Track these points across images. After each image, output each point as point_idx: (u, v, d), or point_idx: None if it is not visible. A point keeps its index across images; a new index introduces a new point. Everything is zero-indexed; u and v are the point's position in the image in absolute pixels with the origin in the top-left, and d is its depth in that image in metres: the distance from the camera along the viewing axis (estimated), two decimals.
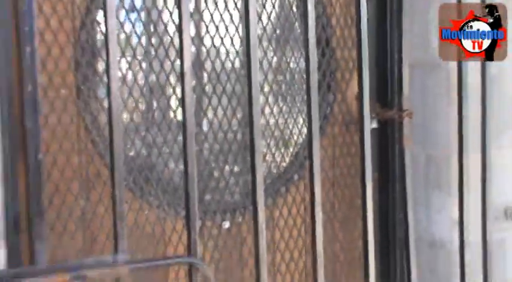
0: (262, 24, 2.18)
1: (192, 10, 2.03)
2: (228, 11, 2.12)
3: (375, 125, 2.34)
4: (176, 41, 1.68)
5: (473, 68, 1.98)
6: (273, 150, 2.33)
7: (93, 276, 1.31)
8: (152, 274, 1.95)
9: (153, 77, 2.05)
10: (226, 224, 2.18)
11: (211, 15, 2.07)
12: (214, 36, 2.11)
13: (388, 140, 2.39)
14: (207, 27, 2.08)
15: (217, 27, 2.12)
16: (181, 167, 1.63)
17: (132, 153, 1.99)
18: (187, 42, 1.41)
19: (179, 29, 1.43)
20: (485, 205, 1.99)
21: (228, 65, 2.12)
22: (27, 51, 1.69)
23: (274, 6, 2.16)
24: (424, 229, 2.44)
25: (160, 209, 2.02)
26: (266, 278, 1.52)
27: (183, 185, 1.47)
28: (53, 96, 1.80)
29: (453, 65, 2.02)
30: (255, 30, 1.50)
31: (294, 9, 2.23)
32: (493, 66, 2.01)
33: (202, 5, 2.08)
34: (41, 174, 1.69)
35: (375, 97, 2.31)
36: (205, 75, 2.14)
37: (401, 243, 2.40)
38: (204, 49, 2.12)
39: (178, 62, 1.44)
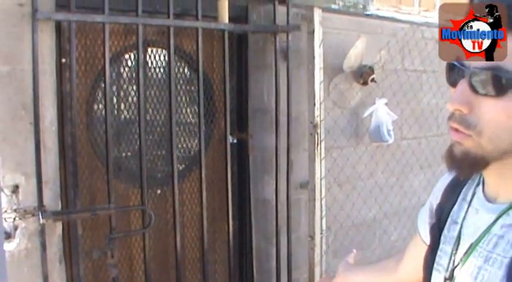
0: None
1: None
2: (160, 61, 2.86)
3: (235, 140, 3.07)
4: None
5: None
6: (185, 146, 2.95)
7: (100, 214, 2.42)
8: (124, 214, 2.72)
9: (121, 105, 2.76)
10: (159, 191, 2.87)
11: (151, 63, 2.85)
12: (155, 77, 2.81)
13: (242, 149, 3.12)
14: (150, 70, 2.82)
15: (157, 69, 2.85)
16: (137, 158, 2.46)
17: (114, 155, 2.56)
18: (142, 84, 2.47)
19: (137, 71, 2.46)
20: (289, 181, 2.94)
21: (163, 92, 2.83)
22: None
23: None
24: (260, 194, 3.14)
25: (127, 184, 2.78)
26: (178, 216, 2.56)
27: (138, 171, 2.47)
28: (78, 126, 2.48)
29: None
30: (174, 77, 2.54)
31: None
32: (294, 105, 2.97)
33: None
34: (75, 165, 2.33)
35: (235, 126, 3.08)
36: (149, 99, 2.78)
37: (248, 201, 3.14)
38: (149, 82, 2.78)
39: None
